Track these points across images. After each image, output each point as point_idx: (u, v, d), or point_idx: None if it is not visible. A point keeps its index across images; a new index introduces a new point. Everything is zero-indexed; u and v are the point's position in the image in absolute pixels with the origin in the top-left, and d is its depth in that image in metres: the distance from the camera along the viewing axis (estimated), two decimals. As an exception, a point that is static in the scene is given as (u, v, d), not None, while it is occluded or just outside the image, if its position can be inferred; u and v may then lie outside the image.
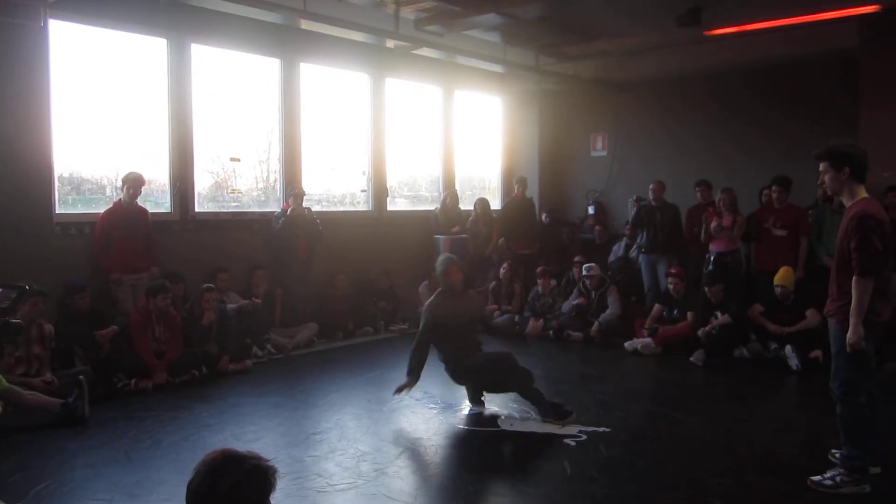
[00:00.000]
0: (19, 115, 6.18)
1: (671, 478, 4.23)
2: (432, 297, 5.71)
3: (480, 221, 9.97)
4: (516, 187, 10.34)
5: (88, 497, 3.94)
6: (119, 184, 6.98)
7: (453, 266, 5.63)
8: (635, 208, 9.18)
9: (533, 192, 11.09)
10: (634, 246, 9.69)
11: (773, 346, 7.14)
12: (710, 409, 5.65)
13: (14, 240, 6.07)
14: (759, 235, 7.90)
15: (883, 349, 6.15)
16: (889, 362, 6.32)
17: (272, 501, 1.97)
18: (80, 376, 5.37)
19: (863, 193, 3.96)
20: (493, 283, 9.32)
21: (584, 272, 8.59)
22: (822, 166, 4.03)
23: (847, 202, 4.00)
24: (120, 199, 6.86)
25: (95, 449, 4.67)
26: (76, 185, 7.21)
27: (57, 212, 6.68)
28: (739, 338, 7.41)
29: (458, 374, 5.56)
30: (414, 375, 5.47)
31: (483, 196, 10.54)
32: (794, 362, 6.86)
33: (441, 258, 5.88)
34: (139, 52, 7.37)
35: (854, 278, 3.82)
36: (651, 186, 8.98)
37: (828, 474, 4.01)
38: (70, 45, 6.86)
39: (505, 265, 9.39)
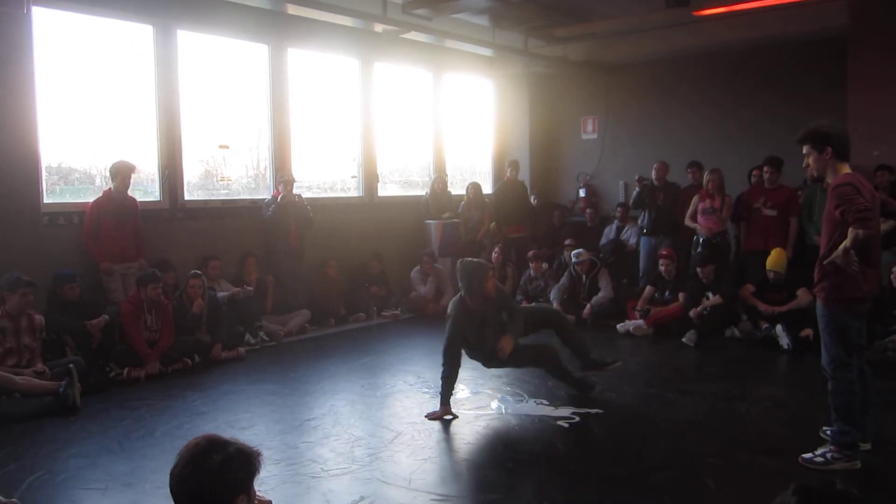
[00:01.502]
0: (4, 104, 6.13)
1: (663, 457, 4.26)
2: (454, 308, 5.14)
3: (472, 206, 9.94)
4: (509, 171, 10.24)
5: (83, 486, 3.94)
6: (108, 173, 6.92)
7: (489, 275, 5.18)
8: (637, 188, 9.04)
9: (524, 175, 11.04)
10: (627, 228, 9.70)
11: (764, 325, 7.18)
12: (702, 388, 5.68)
13: (1, 230, 6.04)
14: (749, 216, 7.91)
15: (874, 326, 6.24)
16: (879, 339, 6.38)
17: (258, 486, 1.96)
18: (70, 365, 5.36)
19: (846, 170, 3.96)
20: (486, 267, 9.29)
21: (574, 259, 8.58)
22: (804, 149, 4.04)
23: (831, 181, 4.00)
24: (110, 189, 6.81)
25: (89, 438, 4.66)
26: (64, 174, 7.15)
27: (45, 202, 6.63)
28: (730, 318, 7.45)
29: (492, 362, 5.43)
30: (449, 403, 5.05)
31: (475, 180, 10.51)
32: (784, 341, 6.90)
33: (473, 265, 5.22)
34: (125, 38, 7.28)
35: (850, 229, 3.76)
36: (655, 166, 8.92)
37: (819, 451, 4.04)
38: (54, 33, 6.77)
39: (497, 249, 9.38)
